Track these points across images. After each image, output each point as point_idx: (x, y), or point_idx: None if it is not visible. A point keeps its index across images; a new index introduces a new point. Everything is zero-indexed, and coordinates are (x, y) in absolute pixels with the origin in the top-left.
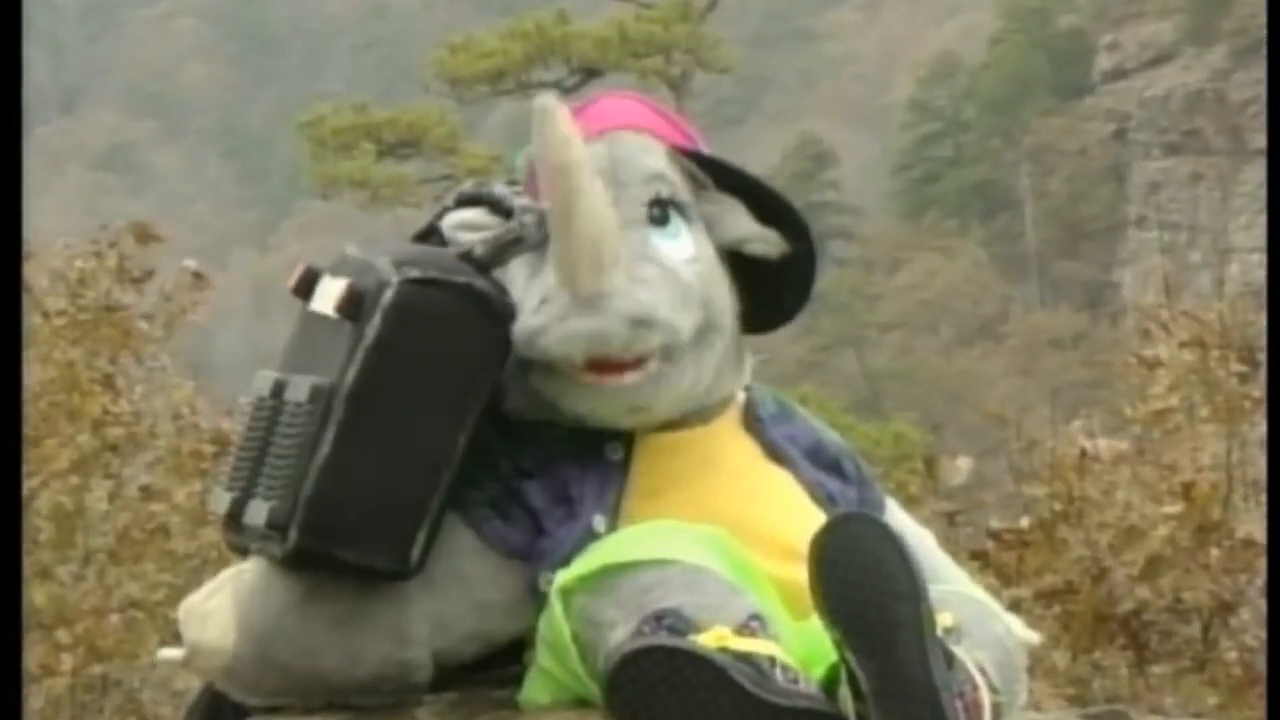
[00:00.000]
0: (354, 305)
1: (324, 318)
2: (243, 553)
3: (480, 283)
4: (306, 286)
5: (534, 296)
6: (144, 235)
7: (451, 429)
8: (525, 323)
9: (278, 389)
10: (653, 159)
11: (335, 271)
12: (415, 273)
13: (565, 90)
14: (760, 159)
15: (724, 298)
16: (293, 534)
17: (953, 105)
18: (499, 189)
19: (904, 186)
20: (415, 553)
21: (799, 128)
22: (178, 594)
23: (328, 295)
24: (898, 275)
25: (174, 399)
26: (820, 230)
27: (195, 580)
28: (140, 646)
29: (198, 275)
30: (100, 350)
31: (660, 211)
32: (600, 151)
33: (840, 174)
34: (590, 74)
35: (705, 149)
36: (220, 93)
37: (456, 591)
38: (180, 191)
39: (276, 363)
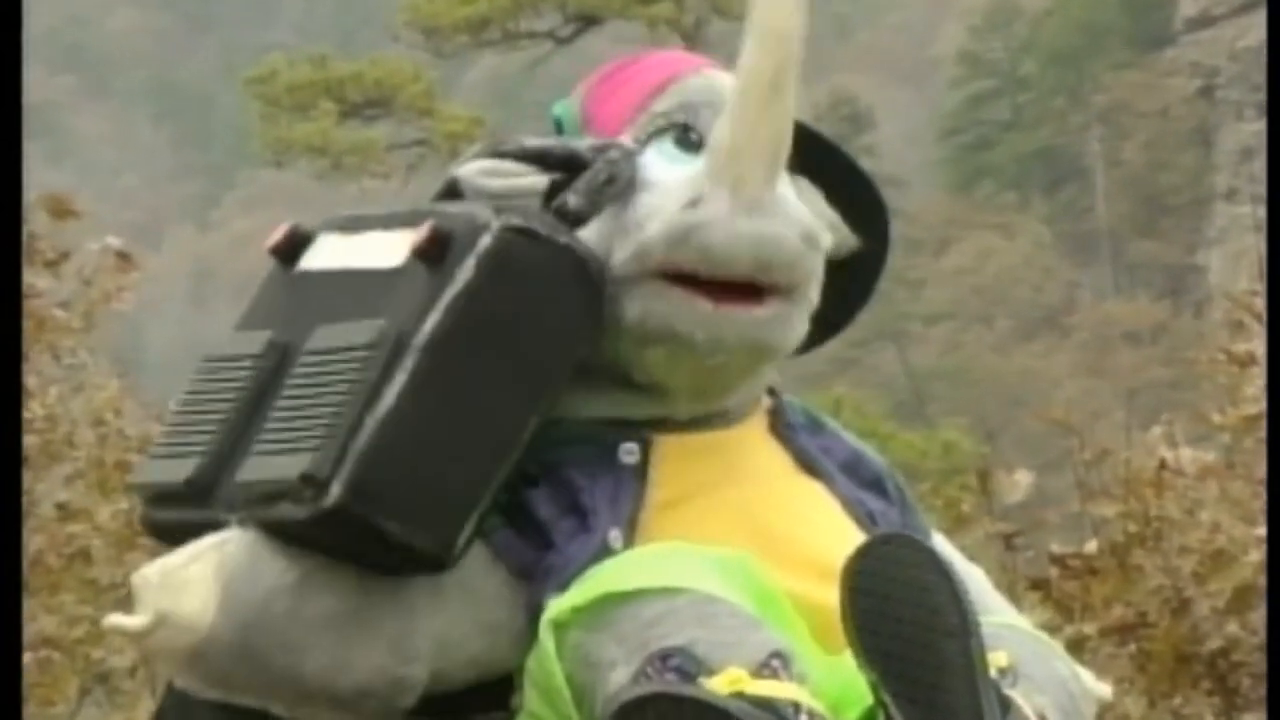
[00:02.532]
0: (440, 247)
1: (345, 274)
2: (177, 538)
3: (581, 246)
4: (292, 247)
5: (675, 196)
6: (59, 210)
7: (528, 407)
8: (679, 219)
9: (276, 349)
10: None
11: (348, 229)
12: (517, 220)
13: (559, 41)
14: None
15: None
16: (335, 489)
17: (1010, 59)
18: (529, 140)
19: (953, 154)
20: (461, 539)
21: (831, 84)
22: (100, 630)
23: (349, 252)
24: (946, 257)
25: (95, 402)
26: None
27: (122, 613)
28: (57, 692)
29: (123, 256)
30: None
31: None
32: (698, 84)
33: (879, 138)
34: (588, 22)
35: None
36: (151, 43)
37: (464, 608)
38: (104, 159)
39: (252, 324)
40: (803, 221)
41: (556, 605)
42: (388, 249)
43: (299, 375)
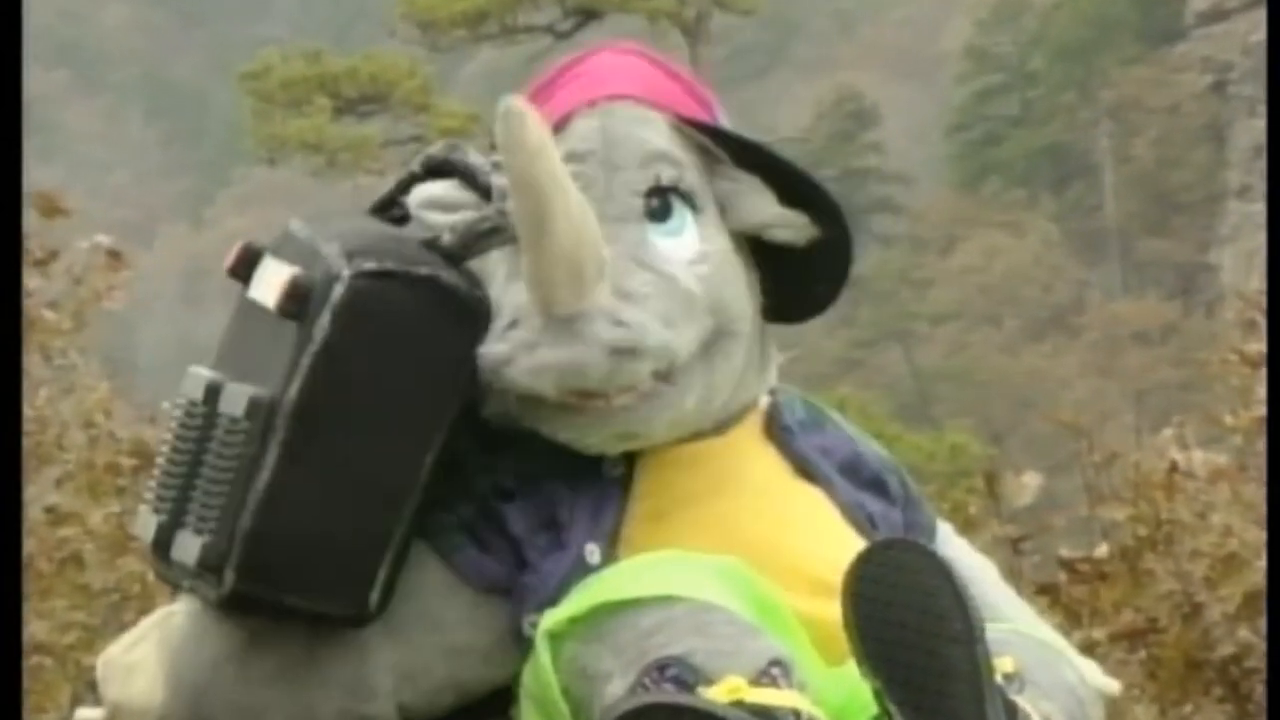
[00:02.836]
0: (298, 302)
1: (265, 310)
2: (175, 585)
3: (447, 275)
4: (246, 268)
5: (504, 315)
6: (49, 208)
7: (415, 450)
8: (491, 350)
9: (211, 393)
10: (653, 134)
11: (278, 252)
12: (370, 264)
13: (558, 35)
14: (790, 117)
15: (740, 298)
16: (228, 576)
17: (1018, 53)
18: (475, 158)
19: (960, 150)
20: (375, 595)
21: (835, 80)
22: (94, 636)
23: (268, 284)
24: (952, 256)
25: (86, 403)
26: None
27: (115, 619)
28: (49, 700)
29: (115, 255)
30: None
31: (660, 202)
32: (590, 127)
33: (884, 135)
34: (588, 16)
35: (721, 115)
36: (144, 39)
37: (424, 635)
38: (95, 156)
39: (212, 358)
40: (614, 337)
41: (552, 616)
42: (271, 288)
43: (215, 439)
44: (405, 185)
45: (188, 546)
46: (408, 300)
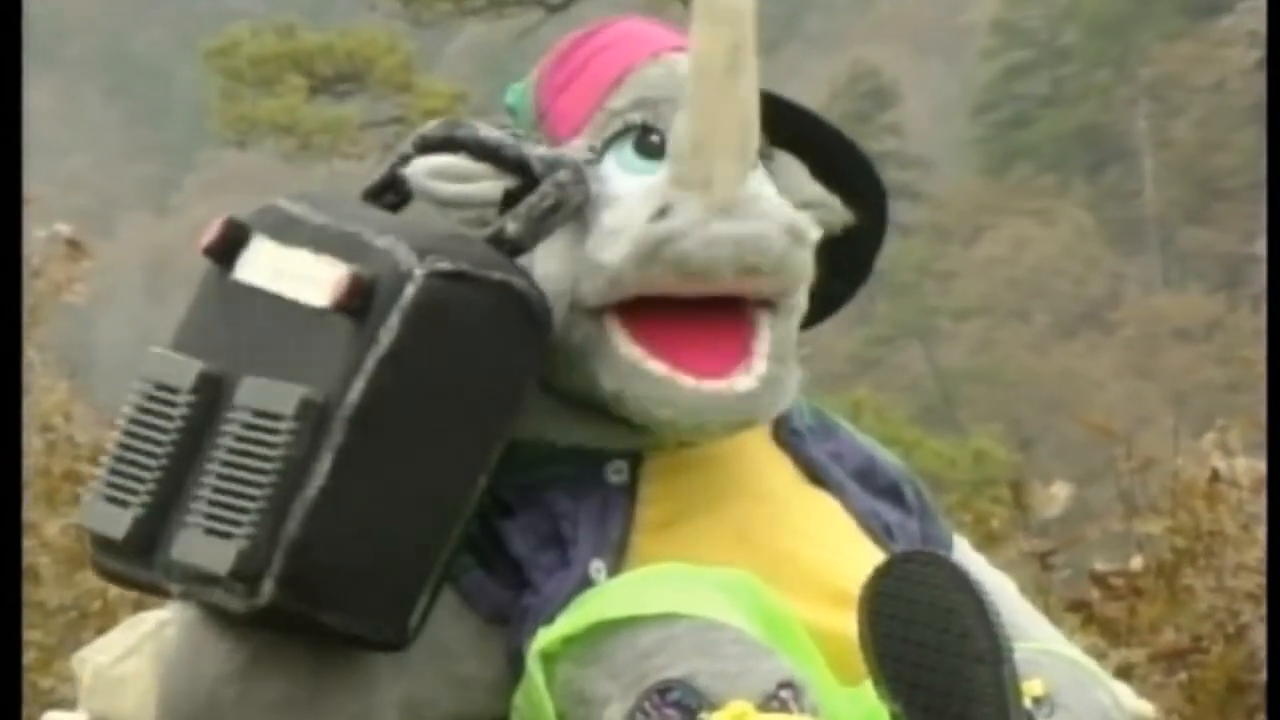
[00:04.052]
0: (362, 298)
1: (278, 300)
2: (130, 587)
3: (519, 280)
4: (230, 247)
5: (642, 210)
6: None
7: (473, 466)
8: (648, 233)
9: (208, 384)
10: None
11: (281, 236)
12: (444, 264)
13: (551, 9)
14: (800, 96)
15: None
16: (268, 587)
17: (1049, 27)
18: (487, 130)
19: (986, 132)
20: (414, 619)
21: (851, 56)
22: (50, 656)
23: (280, 270)
24: (978, 247)
25: (43, 405)
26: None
27: (73, 638)
28: None
29: (74, 245)
30: None
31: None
32: (659, 74)
33: (904, 115)
34: None
35: None
36: (101, 9)
37: (432, 664)
38: (50, 137)
39: (187, 344)
40: (785, 216)
41: (545, 635)
42: (314, 281)
43: (229, 434)
44: (400, 165)
45: (205, 549)
46: (480, 303)
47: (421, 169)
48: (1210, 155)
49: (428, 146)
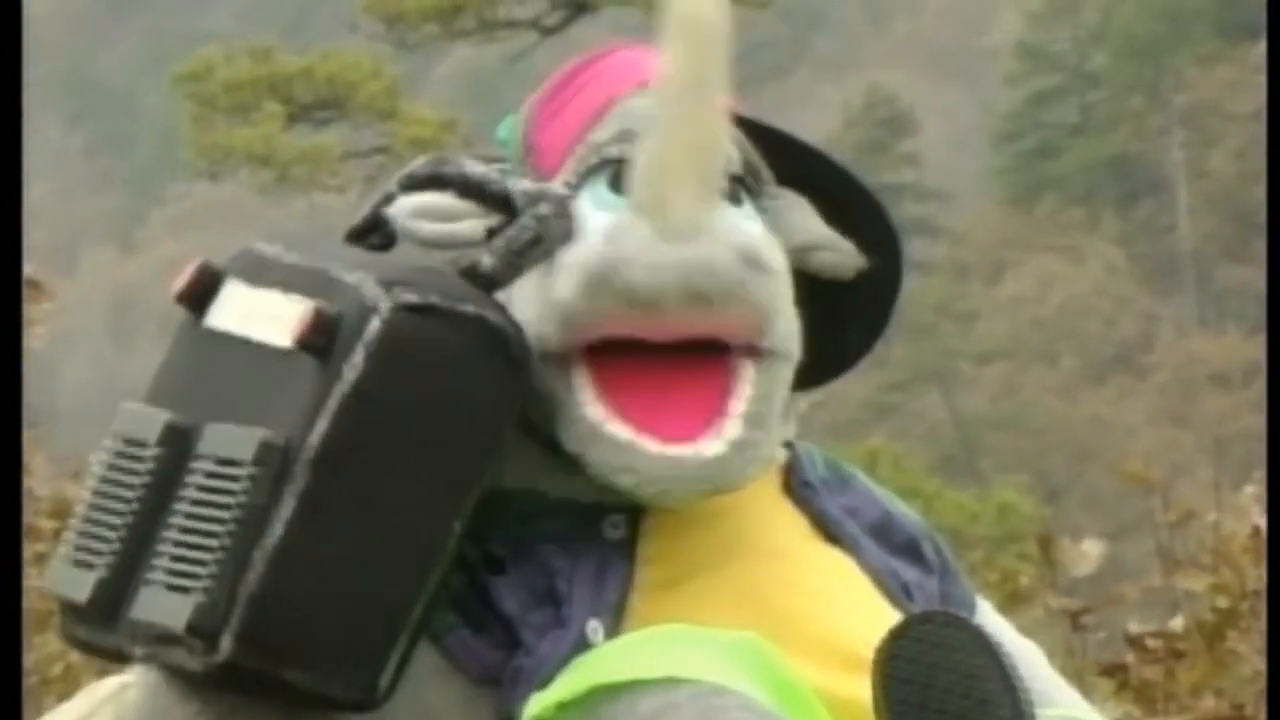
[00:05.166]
0: (324, 335)
1: (247, 343)
2: (99, 655)
3: (494, 314)
4: (203, 292)
5: (597, 231)
6: None
7: (448, 512)
8: (593, 259)
9: (175, 435)
10: None
11: (254, 279)
12: (411, 296)
13: (545, 31)
14: (813, 124)
15: (793, 315)
16: (226, 644)
17: (1077, 50)
18: (472, 166)
19: (1010, 163)
20: (385, 678)
21: (865, 80)
22: None
23: (250, 313)
24: (1001, 285)
25: None
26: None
27: (33, 705)
28: None
29: (34, 285)
30: None
31: (731, 189)
32: (641, 106)
33: (922, 144)
34: (578, 9)
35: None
36: (66, 30)
37: None
38: None
39: (158, 395)
40: (741, 240)
41: (540, 700)
42: (280, 320)
43: (191, 485)
44: (385, 203)
45: (164, 606)
46: (451, 340)
47: (404, 209)
48: (1249, 187)
49: (413, 184)
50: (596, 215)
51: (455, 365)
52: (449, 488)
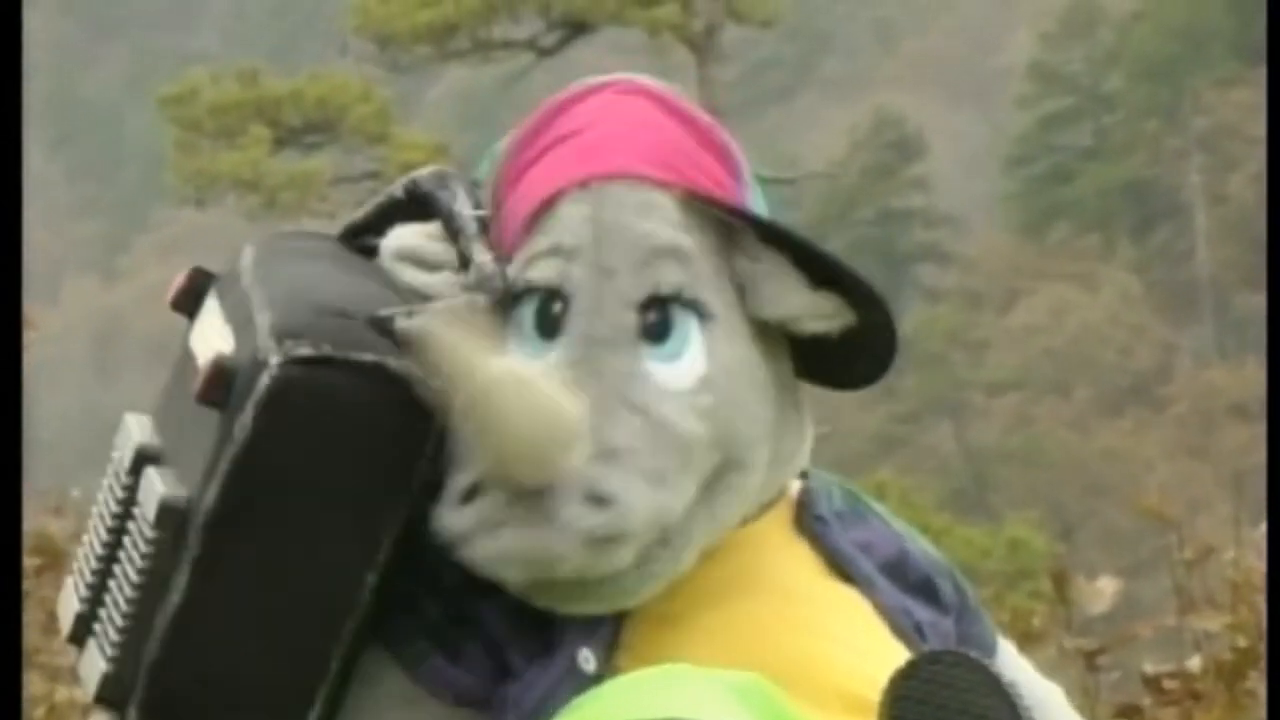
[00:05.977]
0: (222, 390)
1: (190, 375)
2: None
3: (396, 361)
4: (193, 299)
5: (465, 474)
6: None
7: (357, 565)
8: (446, 523)
9: (139, 463)
10: (657, 224)
11: (222, 296)
12: (303, 349)
13: (541, 52)
14: (818, 147)
15: (755, 421)
16: (131, 713)
17: (1091, 71)
18: (463, 202)
19: (1022, 187)
20: None
21: (873, 103)
22: None
23: (205, 336)
24: (1013, 314)
25: None
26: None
27: None
28: None
29: None
30: None
31: (658, 317)
32: (579, 217)
33: (931, 169)
34: (576, 29)
35: (745, 172)
36: (48, 52)
37: None
38: None
39: (153, 404)
40: (590, 524)
41: None
42: (203, 360)
43: (127, 534)
44: (385, 211)
45: (92, 667)
46: (346, 390)
47: (391, 246)
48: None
49: (413, 199)
50: (520, 351)
51: (351, 416)
52: (357, 541)
